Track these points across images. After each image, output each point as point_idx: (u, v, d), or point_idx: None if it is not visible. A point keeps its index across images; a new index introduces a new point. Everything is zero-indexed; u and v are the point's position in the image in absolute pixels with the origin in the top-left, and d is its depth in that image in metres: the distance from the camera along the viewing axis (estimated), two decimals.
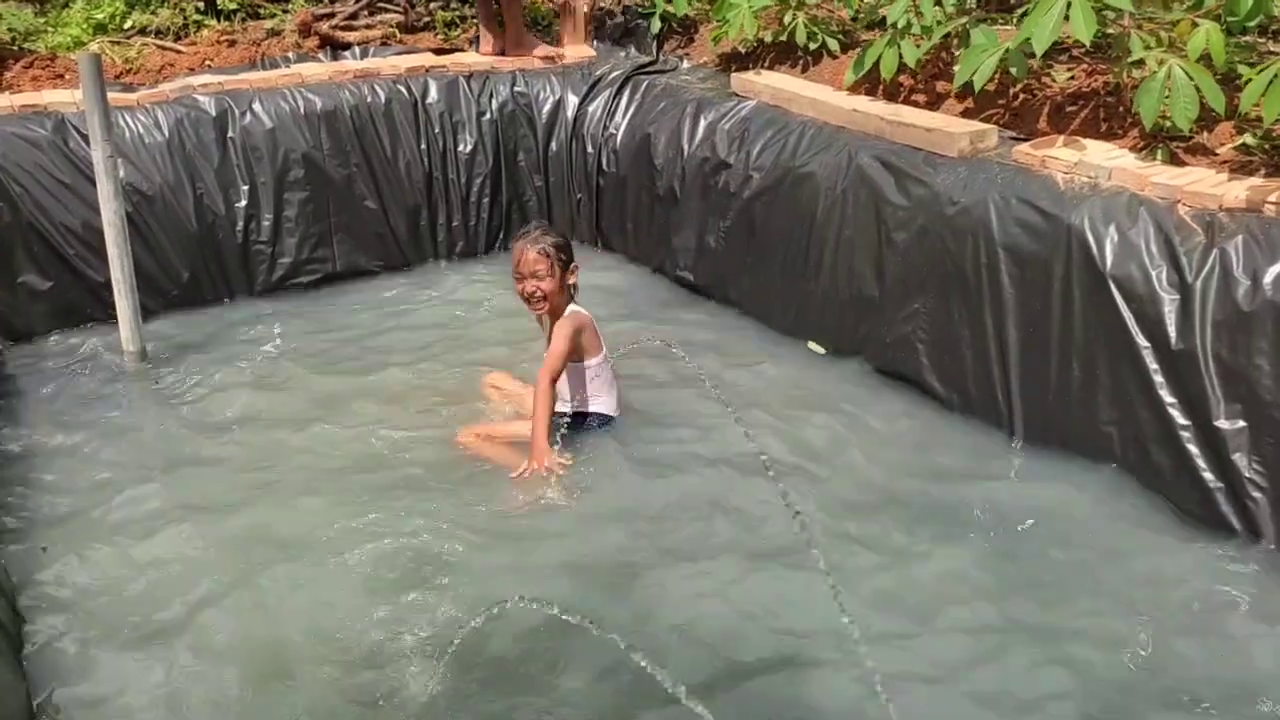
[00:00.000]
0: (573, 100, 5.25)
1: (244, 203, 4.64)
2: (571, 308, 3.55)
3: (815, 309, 4.15)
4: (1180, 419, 3.06)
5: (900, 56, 4.08)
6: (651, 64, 5.34)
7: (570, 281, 3.55)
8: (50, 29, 5.30)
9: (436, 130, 5.01)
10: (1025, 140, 3.71)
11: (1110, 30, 3.77)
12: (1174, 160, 3.38)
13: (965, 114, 3.99)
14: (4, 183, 4.22)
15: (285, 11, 5.61)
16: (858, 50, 4.39)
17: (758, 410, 3.70)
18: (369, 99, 4.88)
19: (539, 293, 3.46)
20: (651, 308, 4.64)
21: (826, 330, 4.12)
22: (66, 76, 4.85)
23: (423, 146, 4.98)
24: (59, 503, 3.30)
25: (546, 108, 5.24)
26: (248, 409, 3.83)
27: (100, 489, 3.37)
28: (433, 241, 5.10)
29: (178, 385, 4.01)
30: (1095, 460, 3.28)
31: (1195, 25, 3.36)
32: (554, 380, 3.41)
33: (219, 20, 5.53)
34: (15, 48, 5.02)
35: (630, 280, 4.96)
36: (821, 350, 4.11)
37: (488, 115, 5.10)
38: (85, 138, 4.16)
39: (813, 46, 4.75)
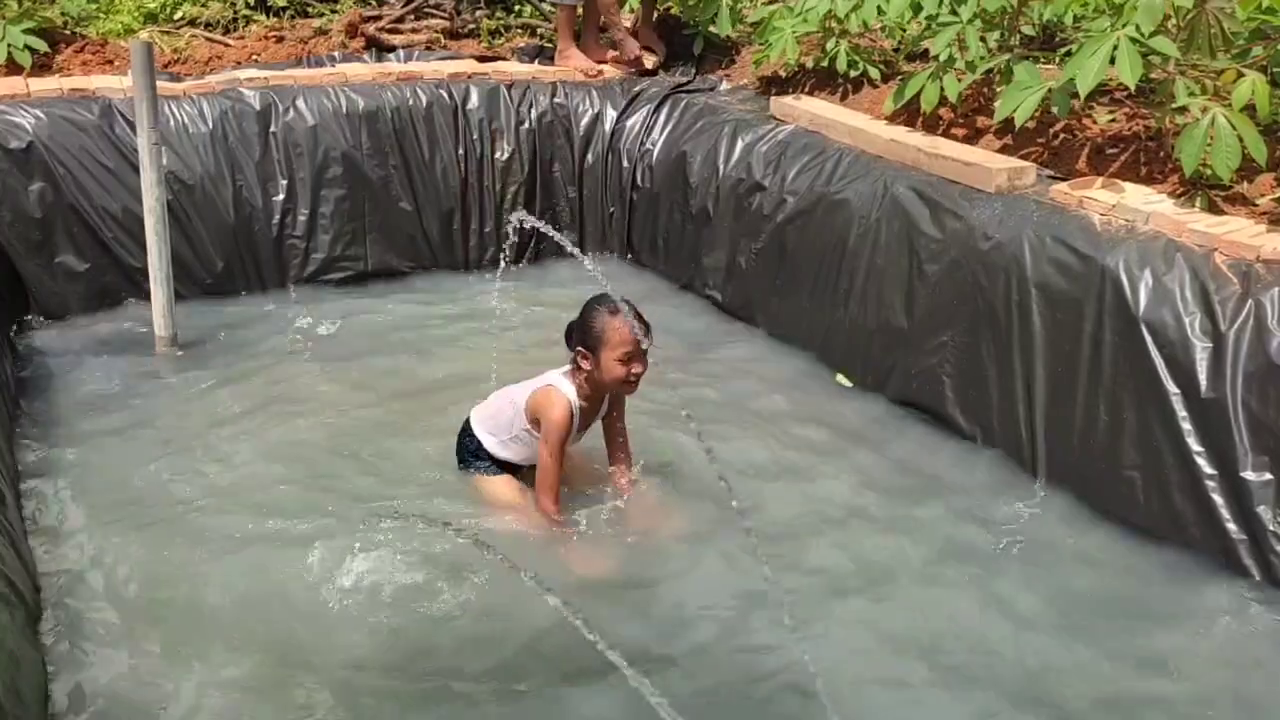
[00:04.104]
0: (611, 114, 5.28)
1: (281, 197, 4.69)
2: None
3: (842, 336, 4.15)
4: (1206, 468, 3.04)
5: (942, 90, 4.09)
6: (691, 83, 5.37)
7: None
8: (102, 15, 5.39)
9: (475, 137, 5.04)
10: (1063, 180, 3.71)
11: (1154, 75, 3.76)
12: (1213, 209, 3.37)
13: (1004, 150, 3.99)
14: (49, 164, 4.29)
15: (333, 11, 5.68)
16: (898, 80, 4.40)
17: (773, 435, 3.71)
18: (410, 102, 4.93)
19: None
20: (680, 323, 4.65)
21: (852, 358, 4.11)
22: (115, 63, 4.92)
23: (460, 152, 5.02)
24: (81, 481, 3.33)
25: (584, 120, 5.27)
26: (271, 399, 3.86)
27: (123, 470, 3.40)
28: (464, 247, 5.12)
29: (206, 372, 4.05)
30: (1117, 503, 3.25)
31: (1241, 75, 3.36)
32: None
33: (268, 16, 5.61)
34: (68, 31, 5.11)
35: (659, 296, 4.97)
36: (849, 384, 4.10)
37: (526, 125, 5.13)
38: (131, 124, 4.22)
39: (853, 74, 4.76)
